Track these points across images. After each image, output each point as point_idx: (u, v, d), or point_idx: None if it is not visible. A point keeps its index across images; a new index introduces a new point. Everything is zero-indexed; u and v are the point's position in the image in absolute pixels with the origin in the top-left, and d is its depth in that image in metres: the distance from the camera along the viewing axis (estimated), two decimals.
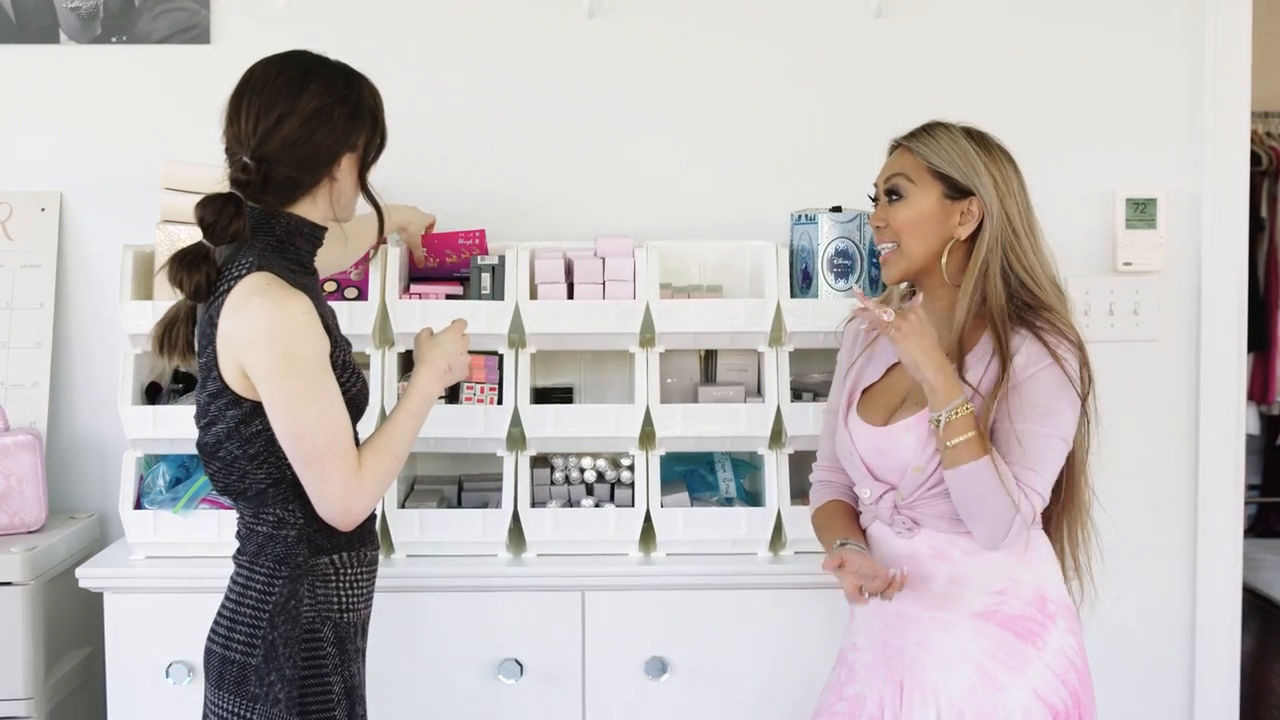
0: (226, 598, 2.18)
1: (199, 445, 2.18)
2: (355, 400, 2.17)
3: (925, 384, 2.19)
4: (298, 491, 2.12)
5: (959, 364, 2.26)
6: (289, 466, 2.10)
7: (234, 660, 2.11)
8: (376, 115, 2.21)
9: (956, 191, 2.29)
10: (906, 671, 2.30)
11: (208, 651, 2.16)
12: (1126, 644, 3.25)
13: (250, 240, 2.12)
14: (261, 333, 2.03)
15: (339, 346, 2.15)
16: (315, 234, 2.20)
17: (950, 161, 2.28)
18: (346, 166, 2.17)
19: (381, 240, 2.83)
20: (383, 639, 2.60)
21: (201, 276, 2.10)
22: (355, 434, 2.21)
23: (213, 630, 2.17)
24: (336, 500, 2.09)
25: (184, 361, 2.22)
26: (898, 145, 2.38)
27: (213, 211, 2.10)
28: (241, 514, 2.19)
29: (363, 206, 2.28)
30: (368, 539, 2.22)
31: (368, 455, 2.14)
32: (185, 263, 2.11)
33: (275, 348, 2.02)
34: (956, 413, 2.17)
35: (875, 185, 2.38)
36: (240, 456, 2.11)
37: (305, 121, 2.11)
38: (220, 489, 2.19)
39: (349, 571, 2.18)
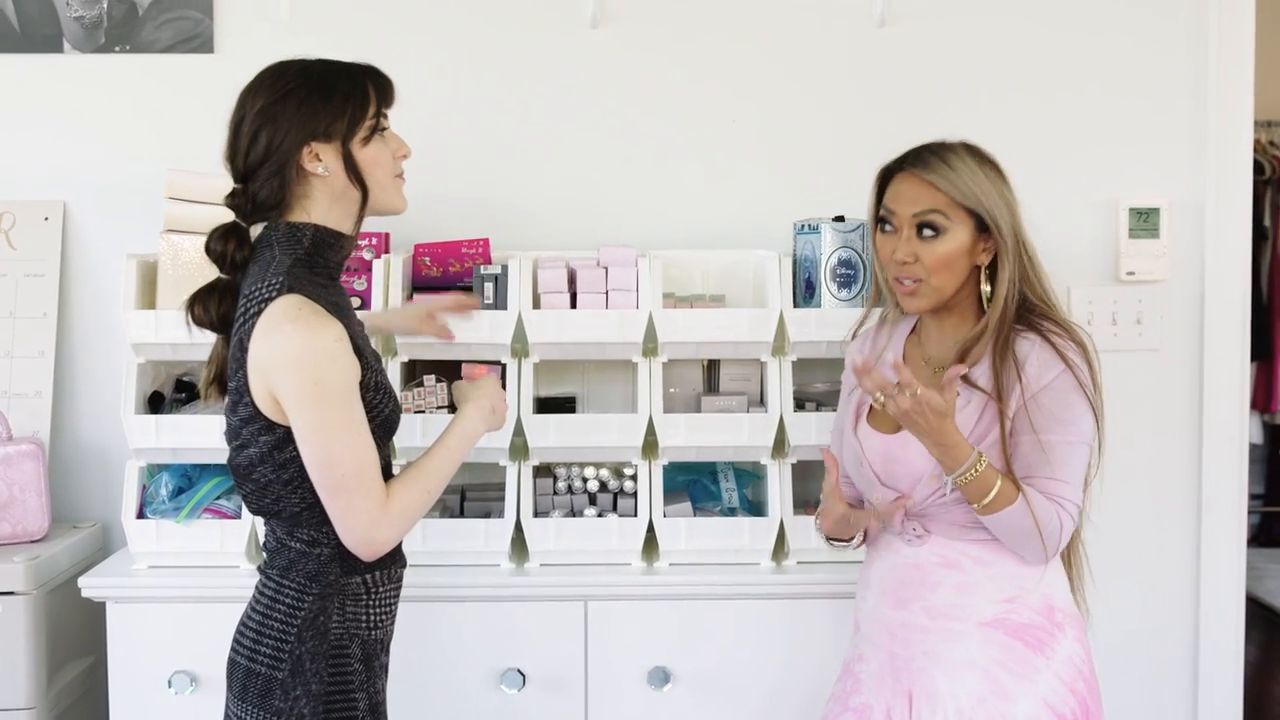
0: (252, 609, 2.15)
1: (232, 466, 2.15)
2: (388, 421, 2.14)
3: (930, 451, 2.19)
4: None
5: (963, 377, 2.26)
6: None
7: (259, 673, 2.09)
8: (350, 96, 2.11)
9: (984, 224, 2.29)
10: (915, 681, 2.30)
11: (231, 663, 2.14)
12: (1130, 653, 3.25)
13: (279, 256, 2.09)
14: (292, 359, 1.99)
15: (370, 368, 2.10)
16: (343, 244, 2.16)
17: (975, 197, 2.26)
18: (328, 157, 2.10)
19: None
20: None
21: (218, 309, 2.14)
22: (391, 452, 2.18)
23: (236, 642, 2.15)
24: (362, 530, 2.05)
25: (216, 399, 2.22)
26: (900, 170, 2.33)
27: (218, 242, 2.14)
28: (273, 529, 2.15)
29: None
30: (398, 557, 2.21)
31: (398, 487, 2.10)
32: (201, 297, 2.15)
33: (306, 375, 1.99)
34: (974, 470, 2.17)
35: (891, 212, 2.31)
36: (274, 481, 2.09)
37: (251, 125, 2.10)
38: (254, 510, 2.16)
39: (380, 590, 2.17)
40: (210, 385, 2.21)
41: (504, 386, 2.84)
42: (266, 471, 2.09)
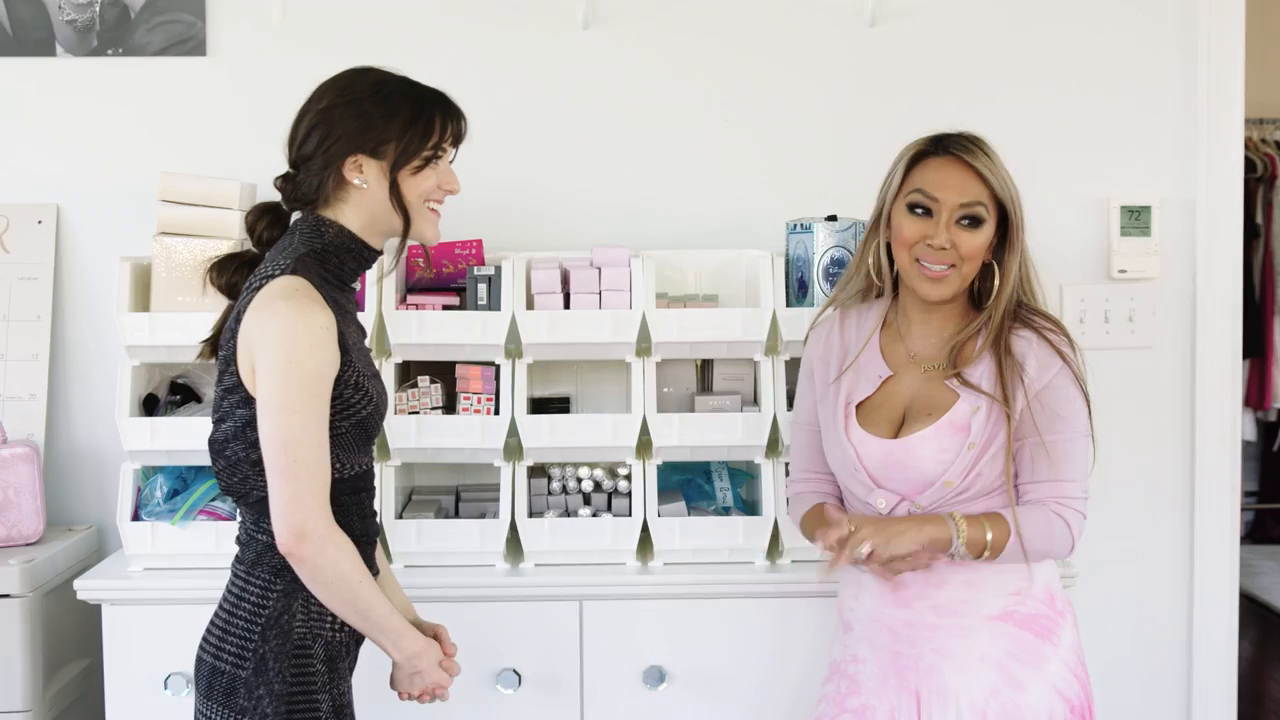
0: (221, 606, 2.16)
1: (209, 441, 2.16)
2: (364, 423, 2.14)
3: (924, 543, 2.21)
4: None
5: (957, 376, 2.27)
6: None
7: (224, 671, 2.10)
8: (413, 123, 2.14)
9: (1003, 219, 2.30)
10: (923, 680, 2.30)
11: (198, 660, 2.15)
12: (1124, 651, 3.25)
13: (295, 244, 2.12)
14: (276, 335, 2.01)
15: (353, 366, 2.11)
16: (364, 253, 2.18)
17: (1008, 191, 2.27)
18: (371, 173, 2.13)
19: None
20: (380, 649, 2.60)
21: (229, 277, 2.21)
22: (369, 459, 2.19)
23: (204, 639, 2.16)
24: (299, 517, 2.01)
25: (208, 357, 2.27)
26: (941, 154, 2.29)
27: (252, 217, 2.22)
28: (243, 520, 2.17)
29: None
30: (369, 562, 2.20)
31: (348, 543, 2.08)
32: (219, 263, 2.22)
33: (284, 351, 2.01)
34: (964, 535, 2.20)
35: (934, 199, 2.27)
36: (244, 459, 2.10)
37: (311, 119, 2.13)
38: (223, 488, 2.17)
39: None
40: (205, 344, 2.26)
41: (498, 388, 2.85)
42: (238, 448, 2.10)
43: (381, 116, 2.13)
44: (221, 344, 2.15)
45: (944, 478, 2.25)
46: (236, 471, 2.12)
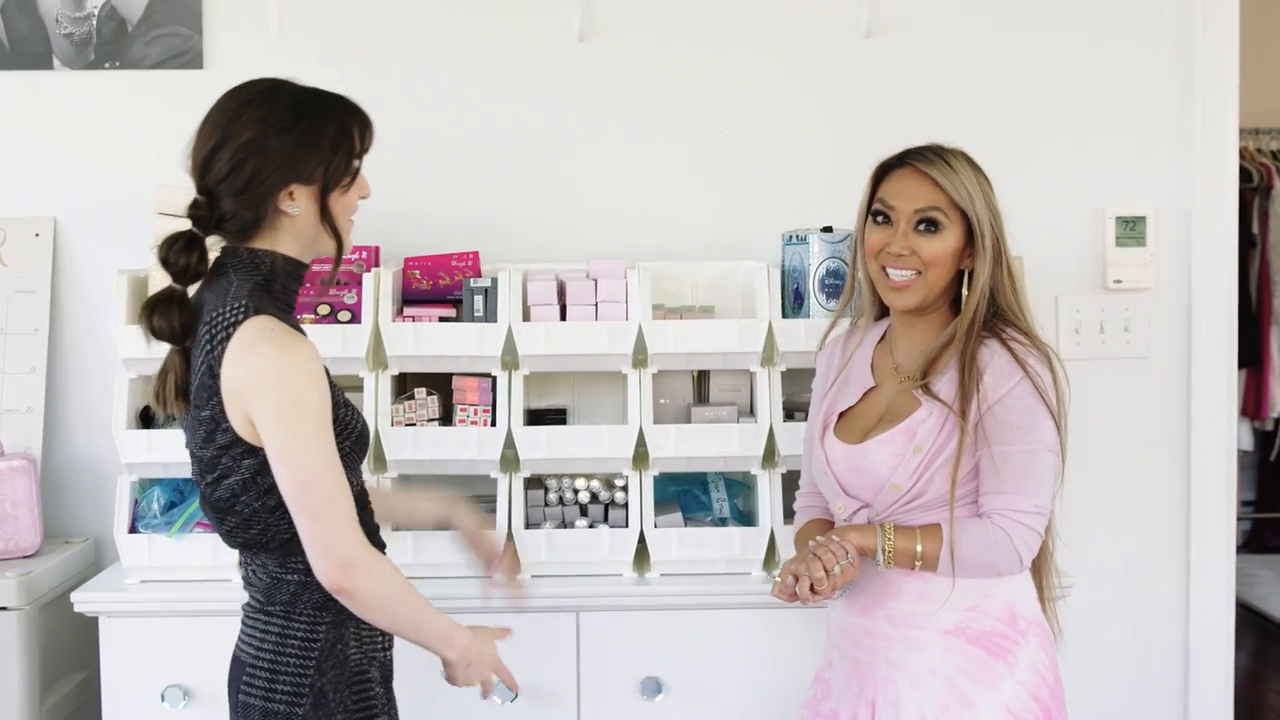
0: (259, 647, 2.10)
1: (210, 503, 2.09)
2: (362, 438, 2.13)
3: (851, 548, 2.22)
4: None
5: (924, 387, 2.28)
6: None
7: (278, 711, 2.05)
8: (339, 144, 2.07)
9: (971, 230, 2.30)
10: (879, 689, 2.31)
11: (244, 705, 2.08)
12: (1120, 661, 3.25)
13: (237, 281, 2.05)
14: (268, 379, 1.96)
15: (335, 386, 2.08)
16: (299, 272, 2.12)
17: (969, 200, 2.28)
18: (302, 199, 2.05)
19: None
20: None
21: (179, 319, 2.06)
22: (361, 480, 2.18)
23: (246, 683, 2.09)
24: (342, 551, 1.98)
25: (179, 412, 2.13)
26: (901, 166, 2.33)
27: (172, 251, 2.07)
28: (262, 565, 2.11)
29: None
30: None
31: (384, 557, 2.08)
32: (159, 308, 2.07)
33: (283, 394, 1.95)
34: (890, 542, 2.22)
35: (891, 207, 2.31)
36: (260, 509, 2.04)
37: (235, 153, 2.02)
38: (239, 544, 2.11)
39: None
40: (176, 400, 2.12)
41: (494, 399, 2.85)
42: (251, 500, 2.04)
43: (309, 143, 2.04)
44: (198, 403, 2.05)
45: (891, 480, 2.27)
46: (254, 523, 2.06)
